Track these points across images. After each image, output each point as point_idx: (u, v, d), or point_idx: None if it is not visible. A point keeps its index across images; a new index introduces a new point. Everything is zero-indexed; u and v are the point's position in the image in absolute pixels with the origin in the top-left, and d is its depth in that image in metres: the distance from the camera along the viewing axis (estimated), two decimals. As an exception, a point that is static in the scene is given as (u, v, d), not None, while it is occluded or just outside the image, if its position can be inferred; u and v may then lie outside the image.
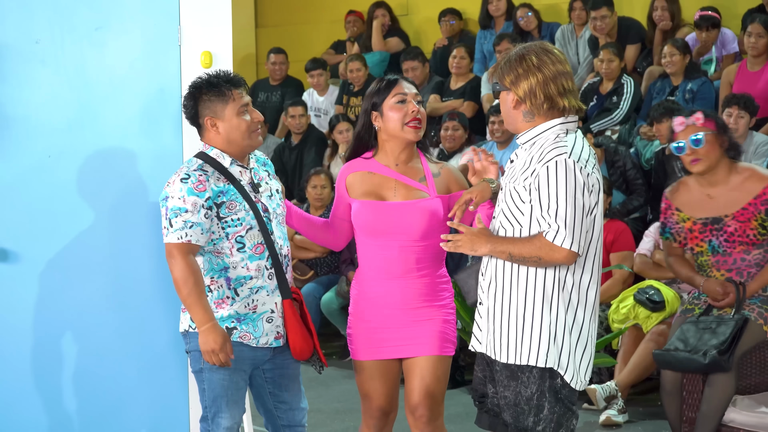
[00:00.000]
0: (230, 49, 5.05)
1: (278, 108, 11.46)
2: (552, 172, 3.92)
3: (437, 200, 4.59)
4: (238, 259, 4.43)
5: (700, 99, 8.80)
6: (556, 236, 3.91)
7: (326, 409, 6.87)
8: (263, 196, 4.53)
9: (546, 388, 4.01)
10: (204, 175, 4.40)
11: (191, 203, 4.34)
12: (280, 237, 4.54)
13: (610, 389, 6.80)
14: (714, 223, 5.47)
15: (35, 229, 5.01)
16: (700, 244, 5.53)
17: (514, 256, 3.98)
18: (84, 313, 5.03)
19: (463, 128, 9.42)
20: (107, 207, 5.04)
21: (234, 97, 4.45)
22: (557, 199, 3.91)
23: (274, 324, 4.50)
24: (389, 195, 4.60)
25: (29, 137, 5.00)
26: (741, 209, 5.44)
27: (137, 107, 5.05)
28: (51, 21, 5.00)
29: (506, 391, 4.06)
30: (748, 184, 5.47)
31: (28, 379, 5.01)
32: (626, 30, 9.95)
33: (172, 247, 4.34)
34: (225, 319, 4.44)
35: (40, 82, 5.01)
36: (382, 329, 4.58)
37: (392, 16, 11.82)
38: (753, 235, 5.42)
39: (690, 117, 5.54)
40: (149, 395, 5.11)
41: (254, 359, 4.52)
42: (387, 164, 4.63)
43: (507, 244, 4.00)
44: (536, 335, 3.99)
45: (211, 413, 4.48)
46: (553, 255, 3.93)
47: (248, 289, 4.45)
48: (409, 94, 4.59)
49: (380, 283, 4.58)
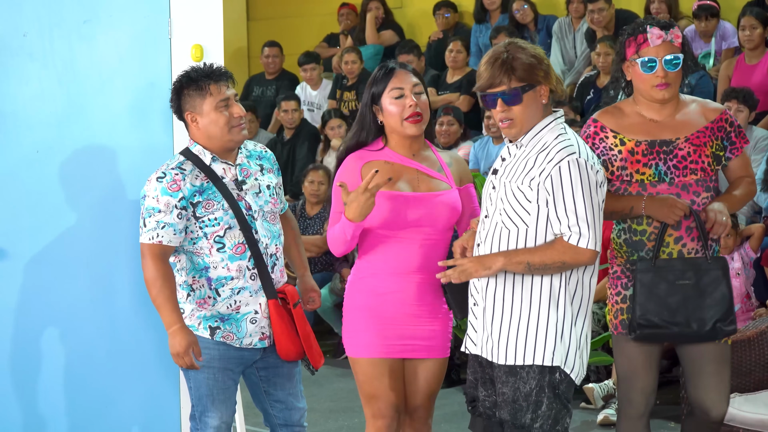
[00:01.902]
0: (221, 42, 5.00)
1: (272, 102, 11.41)
2: (566, 173, 3.90)
3: (456, 192, 4.46)
4: (218, 259, 4.38)
5: (698, 92, 8.74)
6: (580, 239, 3.90)
7: (320, 408, 6.83)
8: (248, 194, 4.45)
9: (546, 383, 3.98)
10: (180, 174, 4.36)
11: (164, 203, 4.32)
12: (266, 236, 4.46)
13: (607, 388, 6.77)
14: (663, 146, 4.45)
15: (23, 225, 4.98)
16: (642, 170, 4.43)
17: (534, 265, 3.92)
18: (72, 309, 5.00)
19: (458, 123, 9.37)
20: (96, 203, 5.01)
21: (211, 91, 4.39)
22: (574, 200, 3.90)
23: (258, 325, 4.45)
24: (413, 186, 4.40)
25: (17, 132, 4.97)
26: (696, 132, 4.47)
27: (127, 101, 5.01)
28: (39, 14, 4.96)
29: (504, 387, 4.01)
30: (699, 112, 4.52)
31: (17, 377, 4.99)
32: (624, 22, 9.86)
33: (144, 248, 4.36)
34: (208, 318, 4.41)
35: (28, 77, 4.98)
36: (395, 326, 4.40)
37: (386, 8, 11.77)
38: (707, 164, 4.44)
39: (669, 32, 4.42)
40: (140, 393, 5.08)
41: (241, 359, 4.47)
42: (404, 154, 4.45)
43: (523, 254, 3.94)
44: (542, 334, 3.95)
45: (198, 412, 4.47)
46: (578, 258, 3.92)
47: (229, 290, 4.40)
48: (406, 87, 4.40)
49: (395, 279, 4.39)
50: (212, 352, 4.41)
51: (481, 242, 4.09)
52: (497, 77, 3.98)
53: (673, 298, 4.34)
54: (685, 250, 4.40)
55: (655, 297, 4.33)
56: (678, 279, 4.35)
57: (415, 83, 4.42)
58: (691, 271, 4.36)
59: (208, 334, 4.42)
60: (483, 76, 4.02)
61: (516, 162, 4.03)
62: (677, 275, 4.36)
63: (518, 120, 4.02)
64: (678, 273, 4.35)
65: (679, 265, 4.36)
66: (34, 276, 4.98)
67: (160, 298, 4.30)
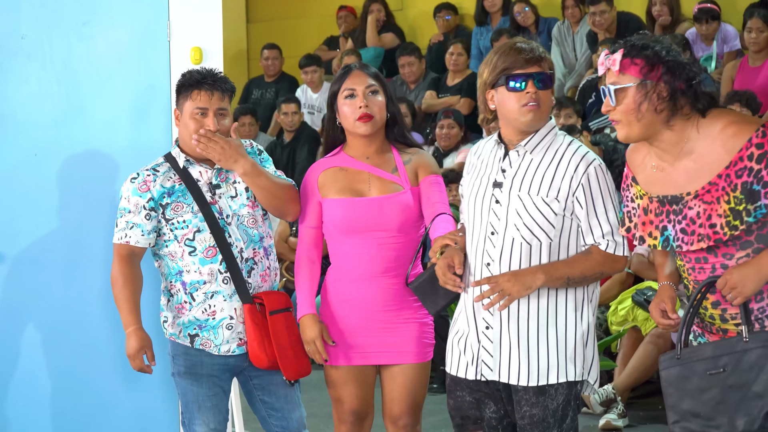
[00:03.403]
0: (221, 44, 4.99)
1: (272, 105, 11.37)
2: (594, 180, 3.80)
3: (409, 194, 4.39)
4: (190, 263, 4.33)
5: (700, 96, 8.74)
6: (617, 247, 3.81)
7: (320, 413, 6.79)
8: (222, 198, 4.38)
9: (572, 396, 3.86)
10: (153, 175, 4.34)
11: (134, 204, 4.32)
12: (241, 240, 4.37)
13: (606, 393, 6.72)
14: (672, 203, 3.58)
15: (21, 227, 4.98)
16: (654, 234, 3.64)
17: (574, 278, 3.79)
18: (70, 312, 5.00)
19: (459, 126, 9.33)
20: (95, 205, 4.99)
21: (192, 96, 4.31)
22: (605, 208, 3.80)
23: (235, 331, 4.38)
24: (364, 190, 4.39)
25: (15, 134, 4.97)
26: (709, 183, 3.48)
27: (125, 103, 5.00)
28: (37, 15, 4.96)
29: (534, 408, 3.83)
30: (720, 143, 3.45)
31: (12, 381, 4.98)
32: (625, 25, 9.88)
33: (114, 248, 4.36)
34: (187, 325, 4.37)
35: (27, 78, 4.98)
36: (360, 333, 4.36)
37: (387, 11, 11.73)
38: (720, 226, 3.46)
39: (610, 56, 3.53)
40: (137, 398, 5.07)
41: (225, 365, 4.41)
42: (357, 157, 4.43)
43: (562, 268, 3.79)
44: (570, 348, 3.82)
45: (186, 418, 4.42)
46: (615, 266, 3.83)
47: (203, 294, 4.35)
48: (358, 88, 4.36)
49: (358, 284, 4.36)
50: (194, 358, 4.38)
51: (492, 261, 3.84)
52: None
53: (708, 394, 3.48)
54: (728, 315, 3.56)
55: (687, 395, 3.52)
56: (710, 369, 3.48)
57: (369, 84, 4.38)
58: (725, 356, 3.47)
59: (188, 342, 4.38)
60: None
61: (526, 172, 3.84)
62: (708, 365, 3.49)
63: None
64: (709, 362, 3.49)
65: (708, 352, 3.51)
66: (32, 278, 4.97)
67: (119, 298, 4.31)
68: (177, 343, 4.40)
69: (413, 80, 10.59)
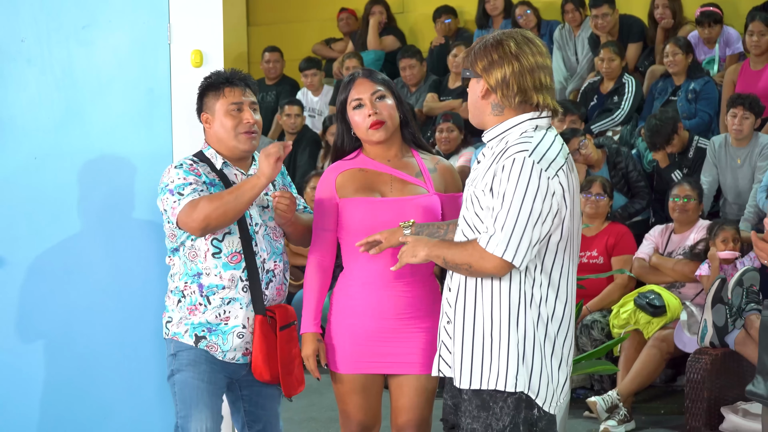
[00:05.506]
0: (221, 47, 4.95)
1: (273, 108, 11.34)
2: (506, 171, 3.53)
3: (436, 197, 4.31)
4: (212, 266, 4.28)
5: (703, 99, 8.75)
6: (489, 242, 3.53)
7: (321, 418, 6.76)
8: (254, 206, 4.36)
9: (521, 420, 3.61)
10: (195, 165, 4.32)
11: (192, 179, 4.25)
12: (266, 250, 4.35)
13: (611, 399, 6.70)
14: None
15: (21, 233, 4.95)
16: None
17: (448, 262, 3.65)
18: (71, 318, 4.97)
19: (458, 129, 9.31)
20: (94, 210, 4.96)
21: (225, 93, 4.34)
22: (503, 201, 3.52)
23: (244, 340, 4.33)
24: (385, 191, 4.29)
25: (14, 138, 4.95)
26: None
27: (126, 108, 4.97)
28: (37, 19, 4.94)
29: (475, 423, 3.65)
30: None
31: (11, 386, 4.96)
32: (628, 28, 9.89)
33: (189, 203, 4.18)
34: (195, 326, 4.32)
35: (26, 82, 4.95)
36: (370, 341, 4.27)
37: (388, 14, 11.71)
38: None
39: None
40: (139, 403, 5.04)
41: (226, 371, 4.37)
42: (378, 159, 4.35)
43: (443, 248, 3.69)
44: (504, 355, 3.60)
45: (180, 417, 4.30)
46: (483, 264, 3.55)
47: (220, 299, 4.29)
48: (364, 97, 4.30)
49: (371, 290, 4.27)
50: (198, 355, 4.32)
51: None
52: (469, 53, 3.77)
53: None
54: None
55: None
56: None
57: (376, 90, 4.32)
58: None
59: (193, 342, 4.32)
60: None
61: (482, 165, 3.72)
62: None
63: (469, 107, 3.80)
64: None
65: None
66: (32, 284, 4.94)
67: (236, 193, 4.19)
68: (180, 342, 4.34)
69: (414, 83, 10.57)
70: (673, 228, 7.52)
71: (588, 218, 7.60)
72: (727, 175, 7.98)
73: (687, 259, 7.24)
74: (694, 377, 6.20)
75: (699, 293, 7.15)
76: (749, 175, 7.87)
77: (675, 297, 7.04)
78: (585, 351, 7.00)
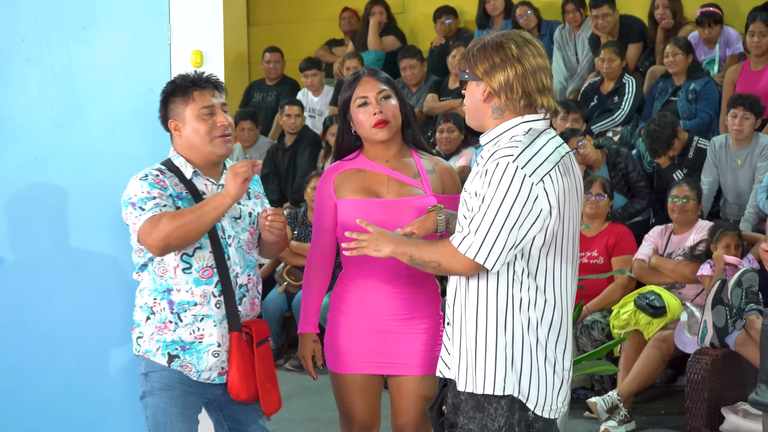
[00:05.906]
0: (221, 47, 4.95)
1: (273, 109, 11.34)
2: (489, 174, 3.50)
3: (432, 198, 4.31)
4: (182, 281, 4.10)
5: (703, 99, 8.75)
6: (462, 243, 3.50)
7: (321, 418, 6.75)
8: (226, 218, 4.16)
9: (515, 421, 3.57)
10: (161, 176, 4.14)
11: (157, 192, 4.07)
12: (239, 264, 4.18)
13: (612, 400, 6.70)
14: None
15: (20, 233, 4.95)
16: None
17: (415, 260, 3.62)
18: (69, 318, 4.96)
19: (459, 129, 9.30)
20: (94, 210, 4.95)
21: (195, 97, 4.16)
22: (482, 203, 3.49)
23: (219, 359, 4.14)
24: (382, 192, 4.31)
25: (14, 138, 4.94)
26: None
27: (126, 108, 4.96)
28: (37, 19, 4.93)
29: (471, 423, 3.63)
30: None
31: (10, 386, 4.95)
32: (628, 28, 9.88)
33: (152, 219, 3.98)
34: (168, 344, 4.13)
35: (26, 82, 4.95)
36: (369, 341, 4.28)
37: (389, 14, 11.71)
38: None
39: None
40: (136, 405, 4.93)
41: (201, 392, 4.19)
42: (376, 160, 4.36)
43: (410, 246, 3.65)
44: (491, 359, 3.56)
45: None
46: (452, 263, 3.53)
47: (192, 316, 4.11)
48: (370, 95, 4.32)
49: (369, 290, 4.28)
50: (171, 377, 4.15)
51: None
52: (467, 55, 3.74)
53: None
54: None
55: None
56: None
57: (381, 89, 4.33)
58: None
59: (166, 361, 4.14)
60: None
61: (474, 169, 3.70)
62: None
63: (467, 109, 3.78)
64: None
65: None
66: (31, 284, 4.94)
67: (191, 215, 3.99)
68: (152, 361, 4.16)
69: (414, 83, 10.57)
70: (672, 229, 7.52)
71: (588, 218, 7.60)
72: (728, 176, 7.98)
73: (687, 260, 7.24)
74: (694, 378, 6.20)
75: (699, 294, 7.15)
76: (749, 176, 7.87)
77: (675, 298, 7.04)
78: (585, 351, 7.00)
